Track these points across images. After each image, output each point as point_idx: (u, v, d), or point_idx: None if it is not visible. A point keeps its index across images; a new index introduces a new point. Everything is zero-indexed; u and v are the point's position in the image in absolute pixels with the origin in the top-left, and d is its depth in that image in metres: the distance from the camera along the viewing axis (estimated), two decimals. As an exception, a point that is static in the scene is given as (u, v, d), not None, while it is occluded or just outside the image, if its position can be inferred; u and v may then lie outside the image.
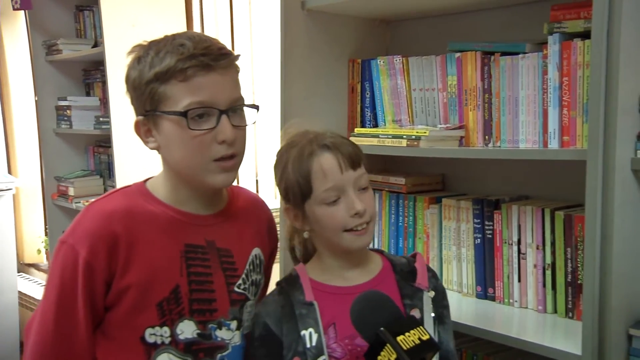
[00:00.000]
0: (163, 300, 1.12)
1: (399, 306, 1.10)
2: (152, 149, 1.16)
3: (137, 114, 1.15)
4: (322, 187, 1.14)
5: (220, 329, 1.16)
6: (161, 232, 1.14)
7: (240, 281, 1.20)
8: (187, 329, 1.13)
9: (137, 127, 1.15)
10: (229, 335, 1.18)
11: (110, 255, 1.09)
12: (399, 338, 0.99)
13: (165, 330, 1.12)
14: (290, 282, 1.20)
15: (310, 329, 1.13)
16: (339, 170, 1.14)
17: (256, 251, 1.25)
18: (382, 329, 1.00)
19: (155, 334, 1.12)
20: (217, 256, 1.18)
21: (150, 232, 1.13)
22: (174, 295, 1.12)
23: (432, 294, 1.20)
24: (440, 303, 1.22)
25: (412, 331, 1.01)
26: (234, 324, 1.18)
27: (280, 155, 1.21)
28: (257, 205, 1.32)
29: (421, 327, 1.03)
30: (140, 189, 1.19)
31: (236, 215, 1.24)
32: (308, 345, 1.12)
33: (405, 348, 0.98)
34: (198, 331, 1.14)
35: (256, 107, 1.19)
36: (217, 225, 1.20)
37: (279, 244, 1.38)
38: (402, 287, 1.19)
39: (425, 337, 1.01)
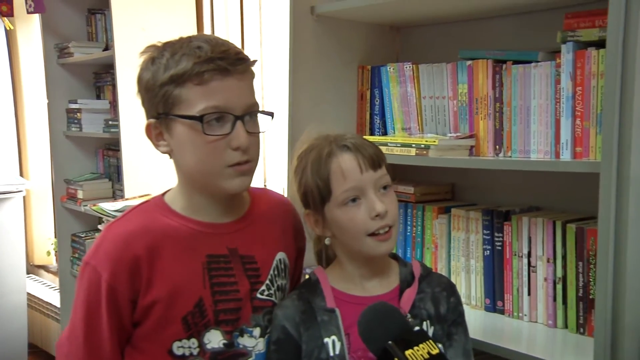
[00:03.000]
0: (188, 314, 1.11)
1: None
2: (163, 152, 1.14)
3: (149, 116, 1.12)
4: (341, 188, 1.11)
5: (242, 336, 1.15)
6: (182, 246, 1.12)
7: (263, 287, 1.18)
8: (214, 339, 1.12)
9: (149, 130, 1.12)
10: (252, 342, 1.16)
11: (133, 276, 1.09)
12: (408, 352, 0.96)
13: (193, 342, 1.11)
14: (310, 288, 1.18)
15: (334, 337, 1.12)
16: (359, 171, 1.11)
17: (280, 255, 1.23)
18: (390, 342, 0.98)
19: (183, 346, 1.11)
20: (241, 263, 1.16)
21: (171, 247, 1.11)
22: (198, 308, 1.11)
23: None
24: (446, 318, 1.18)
25: (421, 345, 0.98)
26: (256, 331, 1.16)
27: (300, 159, 1.18)
28: (282, 206, 1.29)
29: (430, 341, 1.00)
30: (158, 203, 1.17)
31: (259, 219, 1.22)
32: (331, 354, 1.10)
33: None
34: (225, 341, 1.13)
35: (271, 114, 1.16)
36: (239, 231, 1.18)
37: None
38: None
39: (434, 352, 0.98)
